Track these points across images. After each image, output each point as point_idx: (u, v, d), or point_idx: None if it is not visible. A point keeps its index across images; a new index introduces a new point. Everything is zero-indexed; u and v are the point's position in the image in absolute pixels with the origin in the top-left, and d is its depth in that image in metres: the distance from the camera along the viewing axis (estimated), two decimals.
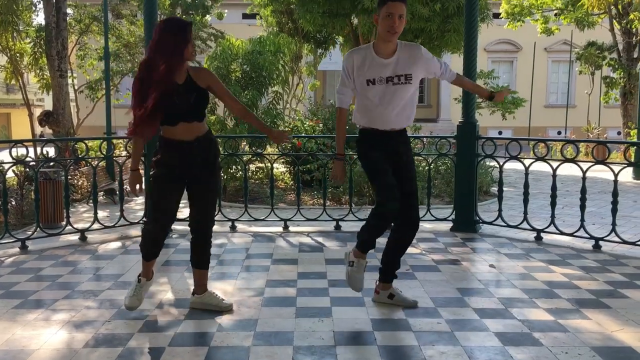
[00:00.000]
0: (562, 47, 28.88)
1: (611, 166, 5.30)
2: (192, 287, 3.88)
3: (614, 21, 18.78)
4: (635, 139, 15.70)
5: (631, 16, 16.75)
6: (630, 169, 14.75)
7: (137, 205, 11.20)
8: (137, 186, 3.74)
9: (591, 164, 5.40)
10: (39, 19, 37.50)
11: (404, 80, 3.58)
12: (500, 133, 28.02)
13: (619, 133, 20.52)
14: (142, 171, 3.81)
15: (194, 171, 3.58)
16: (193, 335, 3.38)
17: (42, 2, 15.23)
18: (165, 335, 3.34)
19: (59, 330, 3.44)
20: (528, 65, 27.36)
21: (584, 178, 5.38)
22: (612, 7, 18.12)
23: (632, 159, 13.31)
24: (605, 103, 21.72)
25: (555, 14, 20.68)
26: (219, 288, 4.08)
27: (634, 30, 17.91)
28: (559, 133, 27.17)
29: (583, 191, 5.38)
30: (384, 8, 3.52)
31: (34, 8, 18.65)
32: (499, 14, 21.20)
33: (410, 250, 5.28)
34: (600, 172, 5.34)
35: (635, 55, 18.82)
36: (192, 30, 3.49)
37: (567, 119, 25.27)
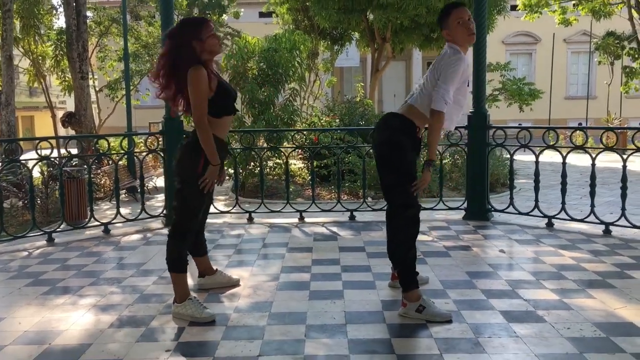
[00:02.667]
0: (581, 37, 28.61)
1: (621, 153, 5.35)
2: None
3: (633, 10, 18.62)
4: None
5: None
6: None
7: (157, 202, 11.47)
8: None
9: (600, 150, 5.46)
10: (60, 22, 38.09)
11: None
12: (520, 125, 27.95)
13: None
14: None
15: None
16: None
17: (62, 5, 15.61)
18: None
19: (85, 313, 3.65)
20: (547, 57, 27.18)
21: (593, 165, 5.44)
22: None
23: None
24: (625, 93, 21.54)
25: (574, 5, 20.55)
26: (236, 274, 4.25)
27: None
28: (580, 124, 26.99)
29: (592, 177, 5.45)
30: (451, 17, 3.51)
31: (54, 12, 19.11)
32: (516, 6, 21.12)
33: (422, 237, 5.43)
34: (628, 163, 5.37)
35: None
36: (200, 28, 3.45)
37: (588, 110, 25.08)
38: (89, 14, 17.24)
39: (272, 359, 2.94)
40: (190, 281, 3.79)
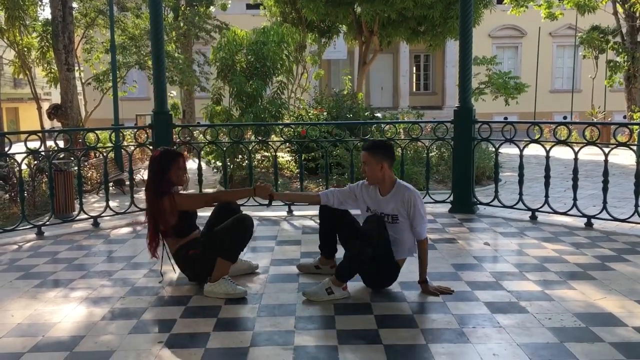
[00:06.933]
0: (567, 31, 28.85)
1: (603, 147, 5.47)
2: None
3: (617, 5, 18.80)
4: None
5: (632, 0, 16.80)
6: (631, 152, 14.82)
7: None
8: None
9: (582, 145, 5.57)
10: (45, 13, 37.70)
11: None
12: (506, 119, 28.14)
13: (624, 117, 20.60)
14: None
15: None
16: (202, 308, 3.61)
17: None
18: (176, 309, 3.59)
19: (77, 305, 3.70)
20: (533, 50, 27.38)
21: (575, 159, 5.56)
22: None
23: (636, 142, 13.41)
24: (609, 87, 21.77)
25: None
26: None
27: (637, 13, 17.95)
28: (565, 118, 27.23)
29: (575, 171, 5.57)
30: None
31: (40, 2, 18.90)
32: None
33: None
34: (611, 157, 5.50)
35: (639, 39, 18.86)
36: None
37: (573, 104, 25.33)
38: (74, 5, 17.08)
39: (263, 350, 3.01)
40: None
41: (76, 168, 6.81)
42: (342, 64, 28.12)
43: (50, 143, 14.97)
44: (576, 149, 5.58)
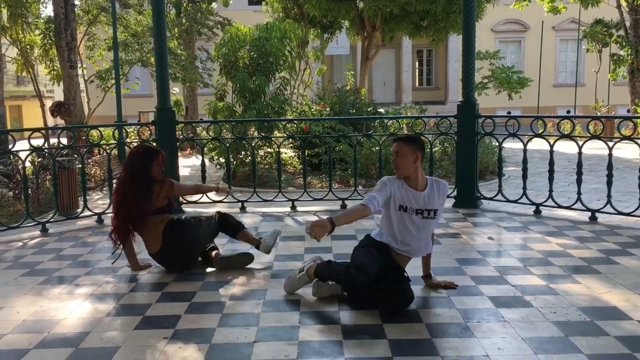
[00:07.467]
0: (570, 25, 28.72)
1: (607, 141, 5.45)
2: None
3: None
4: None
5: None
6: (635, 146, 14.76)
7: None
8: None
9: (587, 139, 5.55)
10: (48, 10, 37.70)
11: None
12: (509, 113, 28.00)
13: (628, 111, 20.52)
14: None
15: None
16: (207, 304, 3.62)
17: None
18: (181, 305, 3.60)
19: (82, 302, 3.71)
20: (536, 45, 27.27)
21: (579, 153, 5.55)
22: None
23: None
24: (613, 80, 21.69)
25: None
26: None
27: None
28: (568, 112, 27.13)
29: (579, 165, 5.56)
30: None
31: (42, 0, 18.89)
32: None
33: None
34: (616, 150, 5.48)
35: None
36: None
37: (576, 98, 25.23)
38: (77, 2, 17.07)
39: (268, 345, 3.02)
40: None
41: (80, 165, 6.83)
42: (344, 60, 28.06)
43: (53, 140, 15.03)
44: (580, 143, 5.58)
